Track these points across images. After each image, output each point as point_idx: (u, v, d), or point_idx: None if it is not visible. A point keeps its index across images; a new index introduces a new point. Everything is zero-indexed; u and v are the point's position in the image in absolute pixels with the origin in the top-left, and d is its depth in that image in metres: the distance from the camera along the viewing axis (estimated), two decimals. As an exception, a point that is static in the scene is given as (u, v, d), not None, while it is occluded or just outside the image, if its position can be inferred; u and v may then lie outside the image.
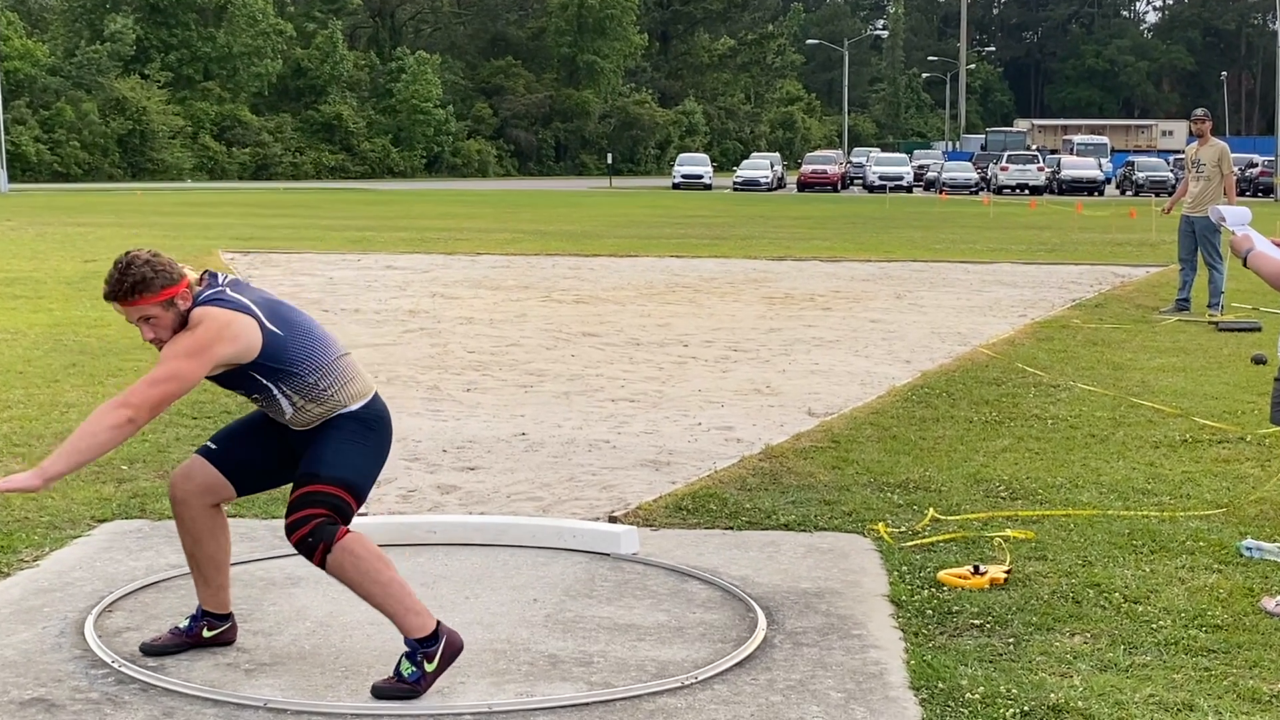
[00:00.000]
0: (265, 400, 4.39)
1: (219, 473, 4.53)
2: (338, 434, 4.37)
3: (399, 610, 4.32)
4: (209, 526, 4.58)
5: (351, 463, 4.34)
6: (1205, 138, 14.79)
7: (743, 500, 6.62)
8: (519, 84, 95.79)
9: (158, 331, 4.26)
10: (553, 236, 27.45)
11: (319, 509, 4.26)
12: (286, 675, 4.43)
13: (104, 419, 4.09)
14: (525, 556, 5.74)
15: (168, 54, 78.60)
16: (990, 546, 5.84)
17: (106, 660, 4.51)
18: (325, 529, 4.24)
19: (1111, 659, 4.56)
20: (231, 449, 4.56)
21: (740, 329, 13.22)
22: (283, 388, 4.33)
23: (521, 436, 8.15)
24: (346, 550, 4.26)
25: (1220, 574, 5.47)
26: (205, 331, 4.20)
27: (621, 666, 4.53)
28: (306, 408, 4.36)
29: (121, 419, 4.08)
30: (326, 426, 4.38)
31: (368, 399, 4.44)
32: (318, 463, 4.31)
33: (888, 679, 4.41)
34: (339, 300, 15.09)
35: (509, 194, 56.25)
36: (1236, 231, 5.64)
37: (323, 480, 4.28)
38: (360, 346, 11.85)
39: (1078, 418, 8.68)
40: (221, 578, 4.66)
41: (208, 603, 4.65)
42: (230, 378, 4.34)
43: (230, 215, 34.58)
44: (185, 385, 4.18)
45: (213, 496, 4.55)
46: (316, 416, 4.39)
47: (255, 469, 4.56)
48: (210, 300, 4.29)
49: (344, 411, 4.38)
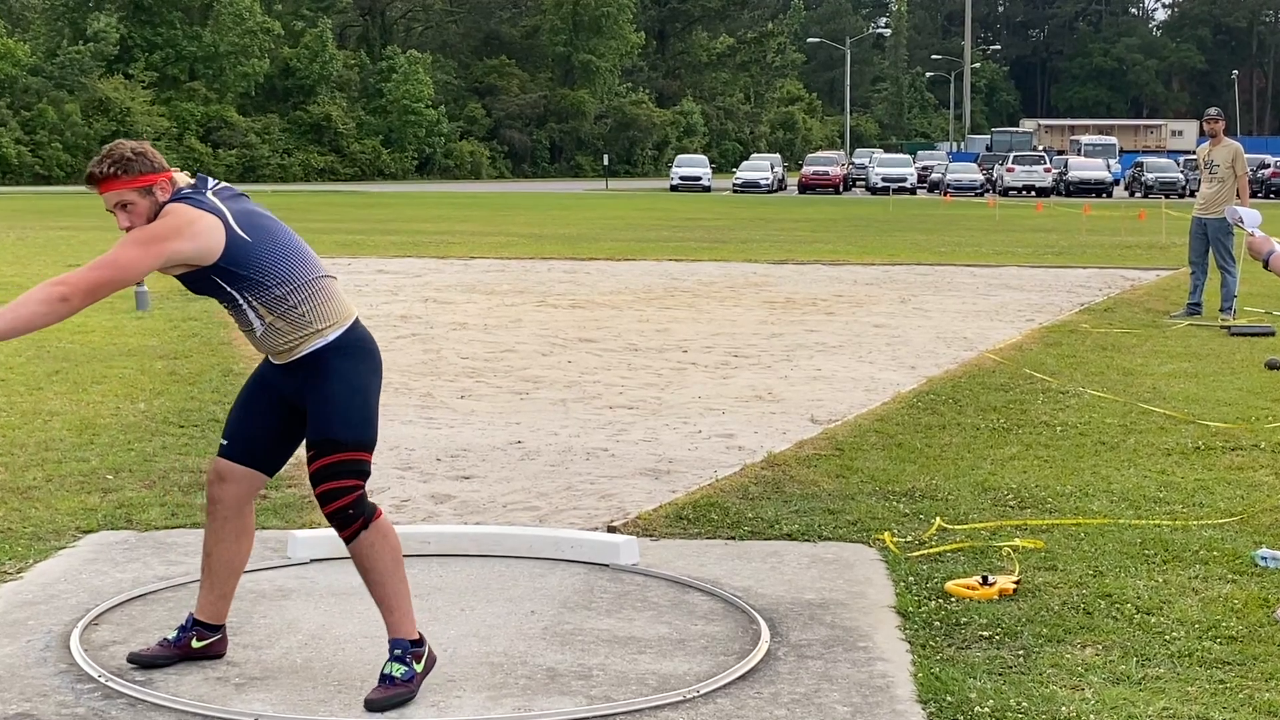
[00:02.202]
0: (234, 312, 4.37)
1: (241, 466, 4.55)
2: (337, 383, 4.34)
3: (403, 607, 4.40)
4: (236, 528, 4.61)
5: (363, 415, 4.36)
6: (1219, 138, 14.81)
7: (745, 509, 6.62)
8: (513, 84, 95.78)
9: (132, 219, 4.26)
10: (548, 240, 27.46)
11: (353, 479, 4.32)
12: (277, 690, 4.43)
13: (36, 294, 4.12)
14: (522, 567, 5.73)
15: (152, 53, 78.56)
16: (999, 556, 5.85)
17: (93, 674, 4.51)
18: (367, 503, 4.35)
19: (1124, 671, 4.56)
20: (240, 436, 4.57)
21: (741, 334, 13.23)
22: (248, 298, 4.29)
23: (517, 445, 8.15)
24: (380, 531, 4.37)
25: (1235, 584, 5.48)
26: (163, 225, 4.21)
27: (621, 680, 4.53)
28: (276, 325, 4.32)
29: (54, 295, 4.11)
30: (318, 373, 4.34)
31: (346, 325, 4.39)
32: (334, 424, 4.32)
33: (895, 692, 4.41)
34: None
35: (503, 196, 56.27)
36: (1254, 233, 5.65)
37: (348, 447, 4.32)
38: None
39: (1087, 424, 8.69)
40: (229, 585, 4.68)
41: (204, 611, 4.66)
42: (195, 281, 4.32)
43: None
44: (126, 274, 4.18)
45: (248, 491, 4.59)
46: (290, 340, 4.35)
47: (268, 443, 4.57)
48: (183, 198, 4.30)
49: (324, 345, 4.33)
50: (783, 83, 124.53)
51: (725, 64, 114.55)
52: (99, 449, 7.80)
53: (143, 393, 9.61)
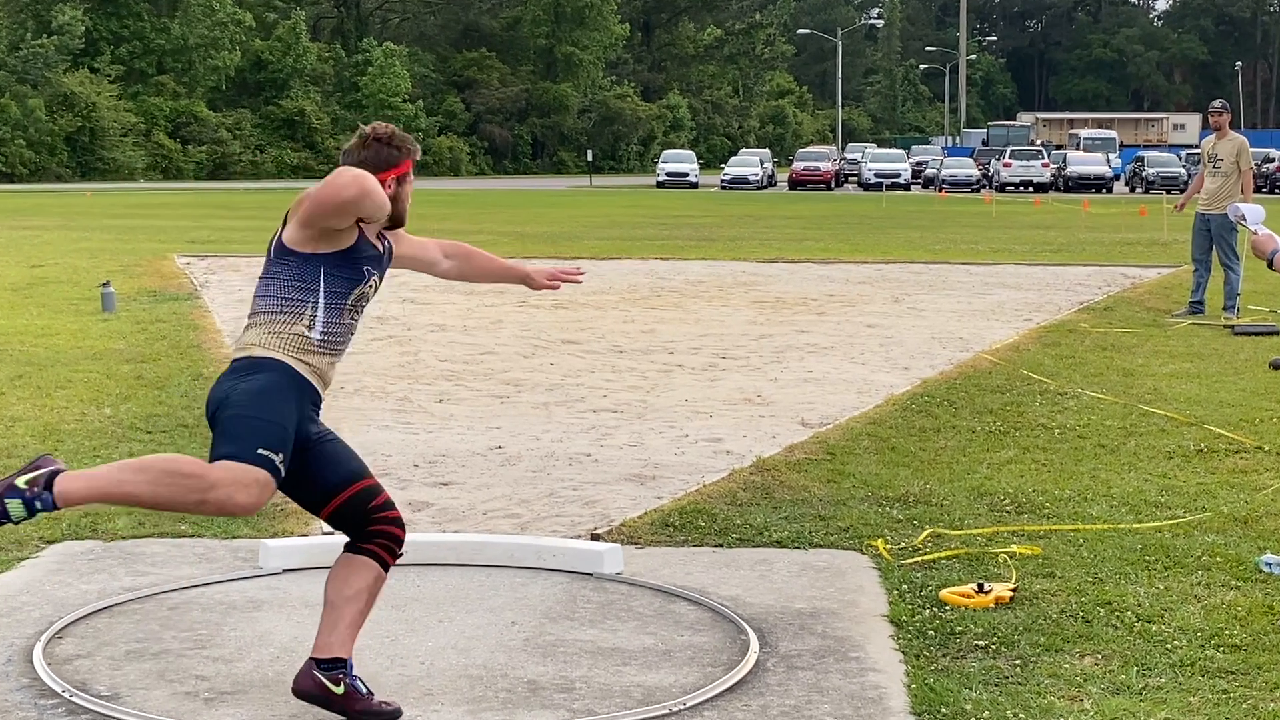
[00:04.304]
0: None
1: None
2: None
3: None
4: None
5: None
6: (1223, 131, 14.86)
7: (733, 516, 6.62)
8: (493, 77, 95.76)
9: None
10: (530, 239, 27.46)
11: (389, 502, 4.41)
12: (248, 704, 4.42)
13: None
14: (503, 577, 5.73)
15: (119, 46, 78.40)
16: (995, 563, 5.86)
17: (56, 689, 4.50)
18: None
19: (1124, 681, 4.57)
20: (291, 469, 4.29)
21: (729, 335, 13.24)
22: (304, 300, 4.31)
23: (498, 450, 8.15)
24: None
25: (1238, 591, 5.49)
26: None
27: (605, 693, 4.53)
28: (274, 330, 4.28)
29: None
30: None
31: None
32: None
33: (888, 704, 4.42)
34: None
35: (483, 194, 56.24)
36: (1258, 231, 5.66)
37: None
38: (325, 355, 11.83)
39: (1086, 427, 8.71)
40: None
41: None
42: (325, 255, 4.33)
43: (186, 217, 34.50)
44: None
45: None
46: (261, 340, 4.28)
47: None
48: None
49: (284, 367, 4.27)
50: (772, 75, 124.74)
51: (713, 56, 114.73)
52: (63, 455, 7.77)
53: (109, 397, 9.58)
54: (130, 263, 20.57)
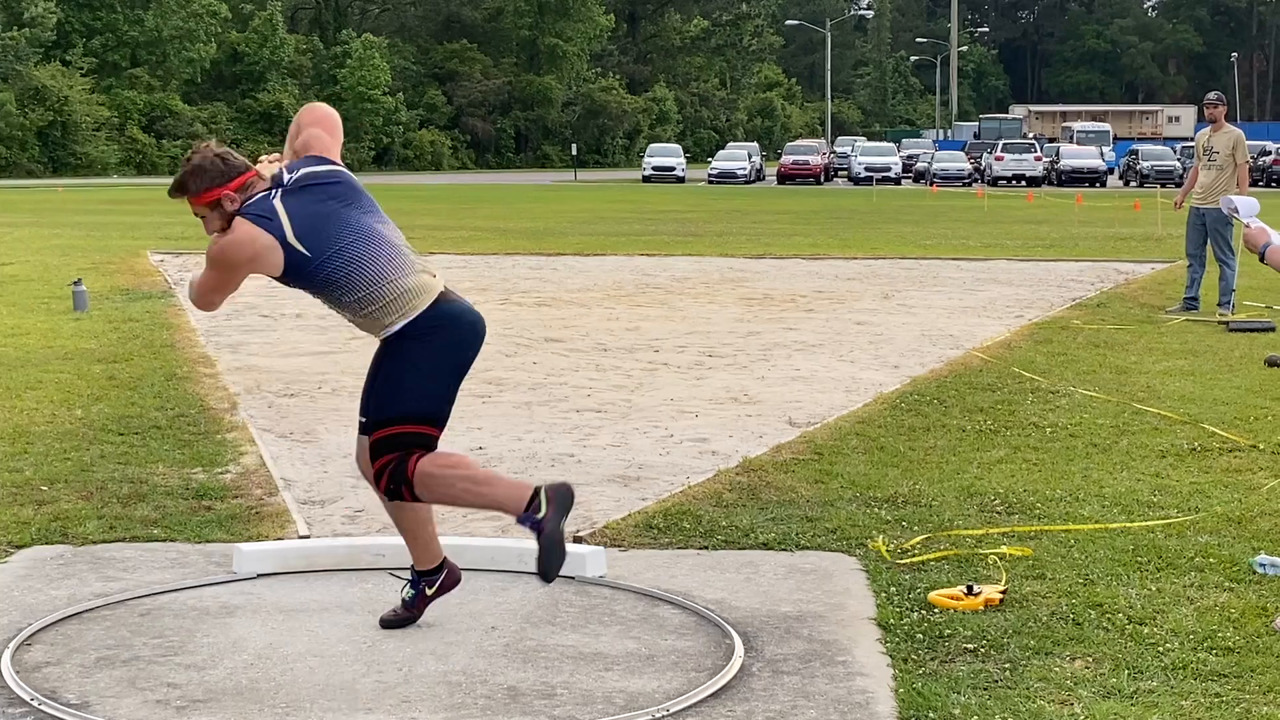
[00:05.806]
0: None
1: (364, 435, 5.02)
2: (390, 365, 4.88)
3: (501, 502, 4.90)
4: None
5: (408, 393, 4.86)
6: (1219, 123, 14.90)
7: (718, 518, 6.62)
8: (475, 69, 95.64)
9: (209, 229, 4.84)
10: (513, 234, 27.45)
11: (386, 455, 4.87)
12: (221, 712, 4.41)
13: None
14: (482, 581, 5.73)
15: (91, 39, 78.16)
16: (985, 565, 5.87)
17: (25, 698, 4.48)
18: (396, 471, 4.87)
19: (1115, 685, 4.58)
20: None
21: (716, 332, 13.25)
22: (321, 299, 4.93)
23: (479, 450, 8.15)
24: (422, 479, 4.86)
25: (1232, 592, 5.51)
26: (225, 247, 4.77)
27: (587, 699, 4.53)
28: (353, 320, 4.93)
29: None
30: (386, 354, 4.88)
31: (415, 314, 4.82)
32: (371, 408, 4.93)
33: (875, 709, 4.43)
34: (279, 304, 15.01)
35: (465, 188, 56.22)
36: (1251, 224, 5.67)
37: (379, 426, 4.89)
38: (303, 355, 11.83)
39: (1078, 426, 8.73)
40: (427, 531, 5.16)
41: (420, 560, 5.17)
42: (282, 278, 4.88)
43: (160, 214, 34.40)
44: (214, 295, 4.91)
45: None
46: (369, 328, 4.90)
47: None
48: (245, 212, 4.76)
49: (392, 333, 4.85)
50: (760, 67, 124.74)
51: (699, 48, 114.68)
52: (33, 458, 7.76)
53: (80, 398, 9.56)
54: (102, 260, 20.52)
